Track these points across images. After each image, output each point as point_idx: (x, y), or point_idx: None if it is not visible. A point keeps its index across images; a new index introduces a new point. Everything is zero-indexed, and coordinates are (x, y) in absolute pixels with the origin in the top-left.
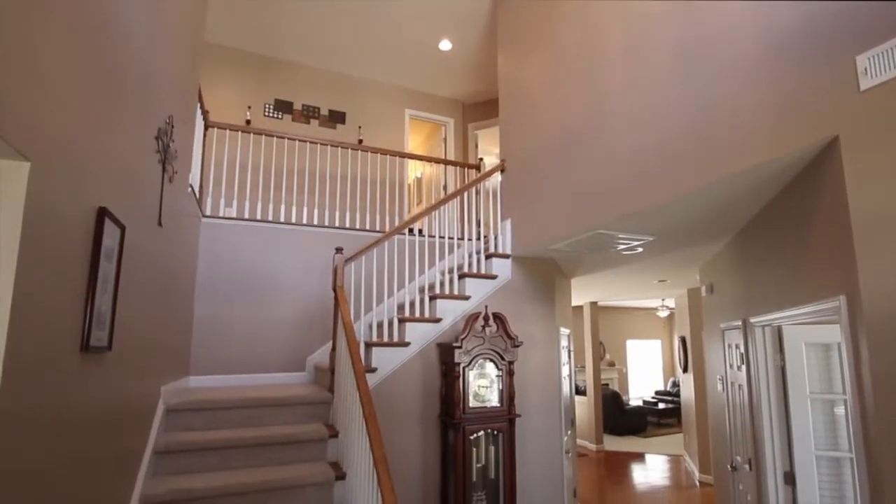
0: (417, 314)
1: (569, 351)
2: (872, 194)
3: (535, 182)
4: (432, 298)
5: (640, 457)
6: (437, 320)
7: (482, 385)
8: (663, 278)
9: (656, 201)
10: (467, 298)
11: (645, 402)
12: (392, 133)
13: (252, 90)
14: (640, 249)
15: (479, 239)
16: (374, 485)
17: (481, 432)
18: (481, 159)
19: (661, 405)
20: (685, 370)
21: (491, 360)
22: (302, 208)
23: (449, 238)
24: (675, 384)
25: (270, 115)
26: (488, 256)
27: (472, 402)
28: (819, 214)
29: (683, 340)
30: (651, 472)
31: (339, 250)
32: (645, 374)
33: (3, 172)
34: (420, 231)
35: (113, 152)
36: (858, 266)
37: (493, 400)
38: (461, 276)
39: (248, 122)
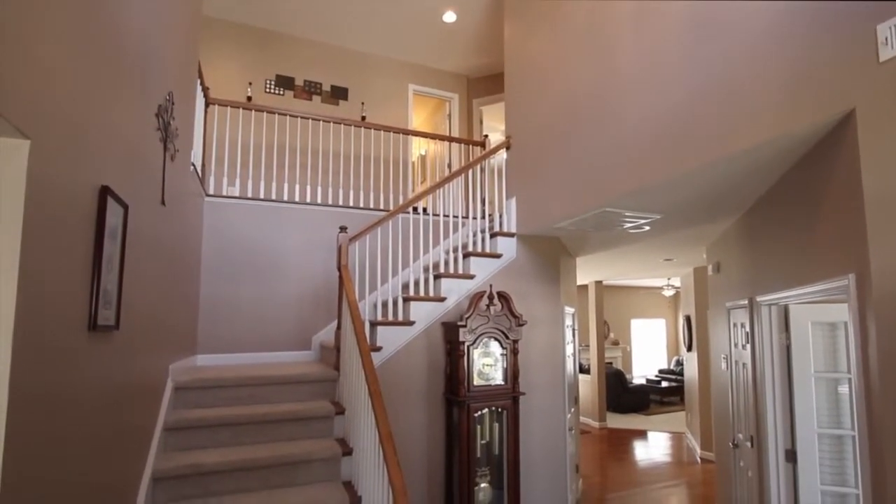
0: (422, 293)
1: (573, 330)
2: (887, 170)
3: (541, 159)
4: (437, 277)
5: (642, 434)
6: (442, 299)
7: (487, 363)
8: (669, 257)
9: (663, 178)
10: (472, 277)
11: (648, 380)
12: (395, 109)
13: (252, 66)
14: (647, 228)
15: (483, 217)
16: (380, 460)
17: (485, 410)
18: (486, 136)
19: (665, 383)
20: (689, 349)
21: (495, 339)
22: (305, 187)
23: (453, 217)
24: (679, 363)
25: (272, 91)
26: (493, 235)
27: (476, 381)
28: (830, 192)
29: (688, 319)
30: (653, 448)
31: (343, 229)
32: (649, 352)
33: (3, 151)
34: (424, 210)
35: (113, 130)
36: (870, 244)
37: (498, 378)
38: (466, 255)
39: (248, 98)
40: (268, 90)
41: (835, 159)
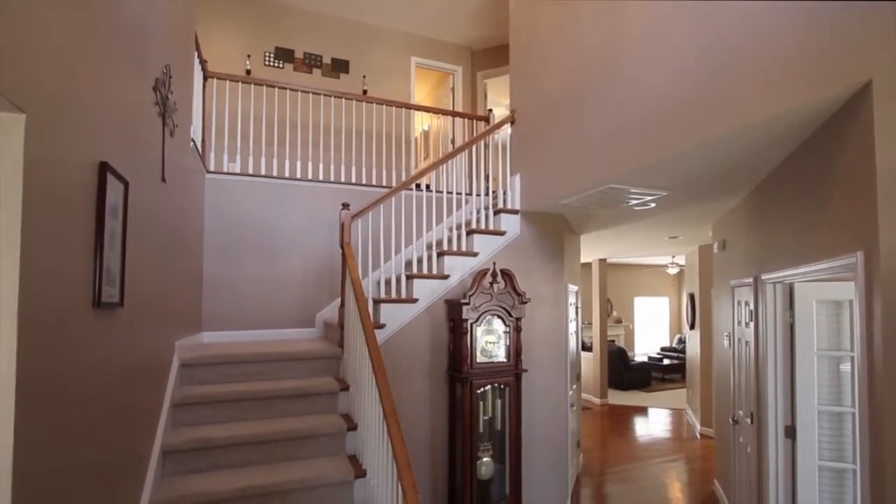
0: (425, 271)
1: (576, 308)
2: None
3: (546, 135)
4: (440, 255)
5: (643, 410)
6: (445, 277)
7: (490, 341)
8: (675, 235)
9: (670, 153)
10: (475, 255)
11: (650, 357)
12: (397, 83)
13: (251, 38)
14: (653, 205)
15: (487, 194)
16: (385, 435)
17: (488, 386)
18: (490, 111)
19: (666, 361)
20: (692, 327)
21: (498, 317)
22: (307, 163)
23: (457, 193)
24: (681, 341)
25: (271, 64)
26: (497, 212)
27: (479, 358)
28: (841, 168)
29: (692, 297)
30: (653, 424)
31: (345, 206)
32: (651, 330)
33: (0, 125)
34: (427, 186)
35: (110, 104)
36: (880, 221)
37: (501, 355)
38: (469, 233)
39: (248, 72)
40: (267, 63)
41: (847, 134)
